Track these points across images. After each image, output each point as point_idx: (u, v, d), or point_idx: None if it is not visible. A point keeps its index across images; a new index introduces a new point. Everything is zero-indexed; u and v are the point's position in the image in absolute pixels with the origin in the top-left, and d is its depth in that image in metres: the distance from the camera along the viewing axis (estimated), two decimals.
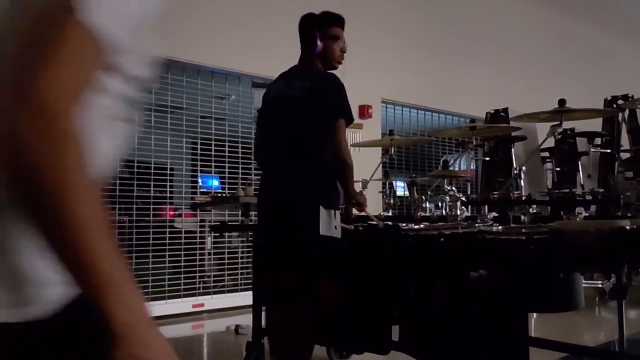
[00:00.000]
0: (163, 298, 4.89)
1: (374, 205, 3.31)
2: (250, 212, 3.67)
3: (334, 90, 2.43)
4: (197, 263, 5.20)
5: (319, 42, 2.49)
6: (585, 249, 1.96)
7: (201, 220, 5.31)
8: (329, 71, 2.55)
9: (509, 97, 5.88)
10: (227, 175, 5.43)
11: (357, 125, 4.06)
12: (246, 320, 2.76)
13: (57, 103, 0.62)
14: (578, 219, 2.49)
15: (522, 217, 2.57)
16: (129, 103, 0.78)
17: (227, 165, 5.40)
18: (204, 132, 5.32)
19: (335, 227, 2.39)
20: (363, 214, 2.67)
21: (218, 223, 4.22)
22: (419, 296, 2.24)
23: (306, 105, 2.40)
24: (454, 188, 2.80)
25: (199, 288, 5.14)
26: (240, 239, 5.56)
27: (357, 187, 2.76)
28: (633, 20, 9.15)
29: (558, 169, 5.09)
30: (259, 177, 2.78)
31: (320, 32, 2.50)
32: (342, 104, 2.42)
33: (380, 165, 4.08)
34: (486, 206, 2.95)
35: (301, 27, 2.56)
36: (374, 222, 2.52)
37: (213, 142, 5.32)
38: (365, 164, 3.55)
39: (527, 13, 8.07)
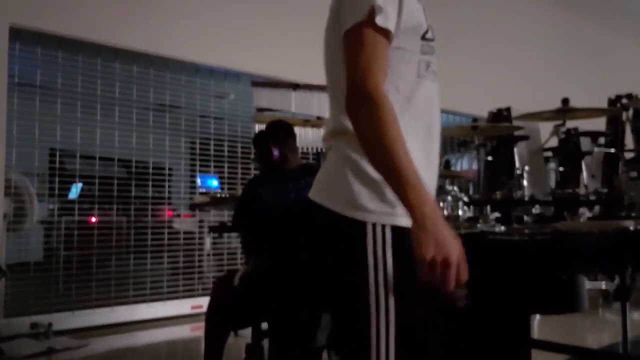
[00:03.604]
0: (161, 299, 4.87)
1: None
2: None
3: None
4: (196, 264, 5.18)
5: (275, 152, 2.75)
6: (589, 250, 1.92)
7: (200, 221, 5.28)
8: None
9: (512, 96, 5.81)
10: (226, 175, 5.40)
11: None
12: None
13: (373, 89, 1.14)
14: (581, 219, 2.45)
15: (525, 217, 2.53)
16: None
17: (226, 165, 5.37)
18: (202, 131, 5.29)
19: None
20: None
21: (217, 224, 4.18)
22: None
23: None
24: (455, 188, 2.76)
25: (197, 289, 5.11)
26: (239, 239, 5.52)
27: None
28: (637, 18, 9.10)
29: (561, 168, 5.04)
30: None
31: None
32: None
33: None
34: (488, 206, 2.90)
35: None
36: None
37: (212, 142, 5.29)
38: None
39: (530, 11, 8.03)
